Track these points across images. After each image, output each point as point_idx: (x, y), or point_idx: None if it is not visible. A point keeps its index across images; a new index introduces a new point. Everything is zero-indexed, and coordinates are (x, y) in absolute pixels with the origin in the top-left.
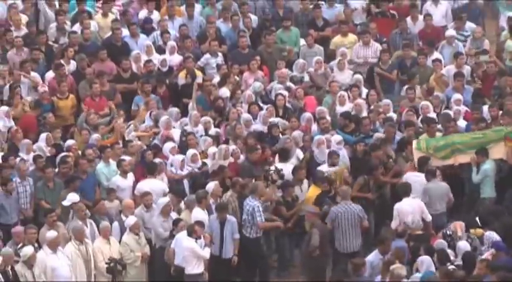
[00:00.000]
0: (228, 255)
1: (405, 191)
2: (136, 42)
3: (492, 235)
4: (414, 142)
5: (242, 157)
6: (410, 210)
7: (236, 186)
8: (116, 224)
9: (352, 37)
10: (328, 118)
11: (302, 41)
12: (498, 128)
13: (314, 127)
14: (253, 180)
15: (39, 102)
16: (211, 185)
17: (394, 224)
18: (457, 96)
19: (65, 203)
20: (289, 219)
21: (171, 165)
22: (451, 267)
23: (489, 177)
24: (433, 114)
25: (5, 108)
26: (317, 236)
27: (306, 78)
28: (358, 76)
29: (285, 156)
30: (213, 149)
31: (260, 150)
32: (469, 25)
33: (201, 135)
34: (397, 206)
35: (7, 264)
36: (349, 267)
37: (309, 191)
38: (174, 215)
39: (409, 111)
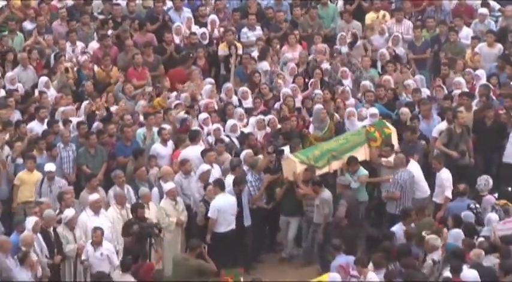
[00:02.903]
0: (247, 223)
1: (441, 161)
2: (180, 15)
3: None
4: (291, 156)
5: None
6: (451, 178)
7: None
8: (155, 189)
9: (382, 13)
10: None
11: None
12: (355, 131)
13: (351, 100)
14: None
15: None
16: (243, 153)
17: (447, 193)
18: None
19: (47, 167)
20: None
21: (208, 135)
22: (479, 239)
23: (365, 182)
24: (465, 90)
25: (44, 79)
26: (343, 207)
27: (343, 50)
28: (383, 50)
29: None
30: (252, 119)
31: (295, 121)
32: (495, 5)
33: (235, 106)
34: (446, 176)
35: (48, 226)
36: None
37: None
38: None
39: (437, 86)
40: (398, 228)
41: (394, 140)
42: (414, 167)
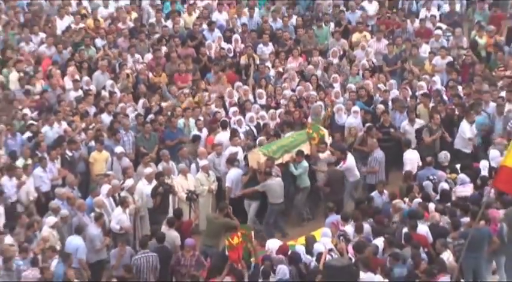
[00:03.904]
0: None
1: (409, 143)
2: (212, 34)
3: (464, 177)
4: (256, 150)
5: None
6: (415, 157)
7: None
8: (193, 165)
9: (363, 34)
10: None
11: None
12: (300, 131)
13: (341, 99)
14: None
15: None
16: (259, 139)
17: (407, 168)
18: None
19: (116, 149)
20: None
21: (234, 123)
22: (431, 203)
23: (306, 171)
24: (426, 91)
25: (109, 82)
26: (321, 180)
27: (334, 62)
28: (364, 62)
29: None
30: (263, 112)
31: (297, 114)
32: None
33: (252, 103)
34: (407, 156)
35: (114, 192)
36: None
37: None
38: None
39: (403, 88)
40: (375, 195)
41: (327, 139)
42: (350, 158)
